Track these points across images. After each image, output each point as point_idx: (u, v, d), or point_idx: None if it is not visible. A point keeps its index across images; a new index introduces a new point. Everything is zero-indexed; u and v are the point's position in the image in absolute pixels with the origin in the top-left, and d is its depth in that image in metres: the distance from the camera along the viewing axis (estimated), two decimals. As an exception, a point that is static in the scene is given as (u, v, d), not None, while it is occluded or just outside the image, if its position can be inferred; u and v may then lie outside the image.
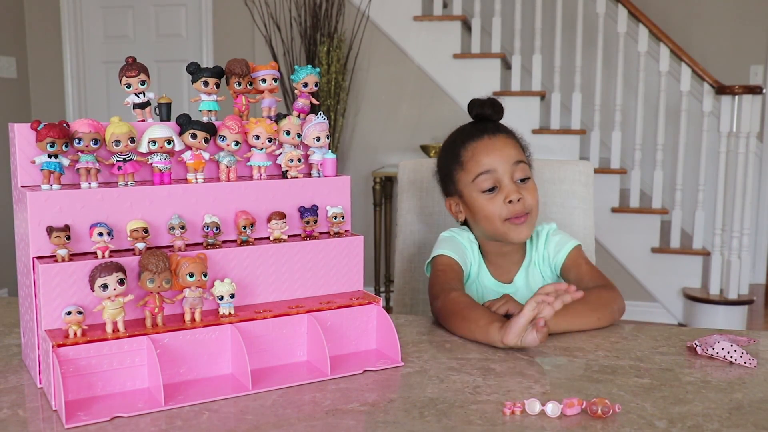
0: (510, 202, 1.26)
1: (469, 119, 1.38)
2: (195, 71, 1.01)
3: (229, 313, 0.95)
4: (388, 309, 3.34)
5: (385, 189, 3.69)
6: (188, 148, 0.98)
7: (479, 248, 1.37)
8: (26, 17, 4.21)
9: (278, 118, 1.05)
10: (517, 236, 1.28)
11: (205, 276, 0.91)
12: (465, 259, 1.33)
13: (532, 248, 1.37)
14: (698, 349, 1.04)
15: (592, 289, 1.22)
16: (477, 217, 1.31)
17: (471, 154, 1.30)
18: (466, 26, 3.95)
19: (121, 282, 0.86)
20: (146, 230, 0.92)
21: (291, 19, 3.82)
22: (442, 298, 1.19)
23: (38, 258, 0.88)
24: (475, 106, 1.34)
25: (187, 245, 0.96)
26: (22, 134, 0.91)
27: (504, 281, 1.37)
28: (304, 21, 3.75)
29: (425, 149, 3.56)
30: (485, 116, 1.34)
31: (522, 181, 1.28)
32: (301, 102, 1.08)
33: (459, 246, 1.34)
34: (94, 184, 0.92)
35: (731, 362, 1.01)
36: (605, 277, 1.29)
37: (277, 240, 1.02)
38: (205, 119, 1.01)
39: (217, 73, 1.02)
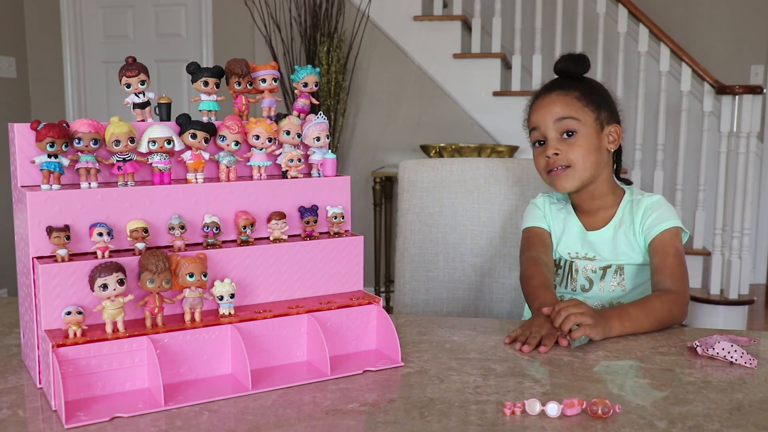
0: (548, 156, 1.34)
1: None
2: (195, 71, 1.01)
3: (229, 313, 0.94)
4: (388, 309, 3.34)
5: (385, 189, 3.69)
6: (188, 148, 0.98)
7: (573, 206, 1.44)
8: (26, 17, 4.21)
9: (278, 118, 1.05)
10: (558, 187, 1.36)
11: (205, 276, 0.91)
12: (545, 219, 1.43)
13: (625, 212, 1.38)
14: (698, 349, 1.04)
15: (660, 294, 1.23)
16: None
17: (530, 111, 1.39)
18: (466, 26, 3.95)
19: (120, 282, 0.86)
20: (146, 230, 0.92)
21: (291, 19, 3.82)
22: (522, 264, 1.38)
23: (38, 258, 0.88)
24: (557, 61, 1.39)
25: (187, 245, 0.96)
26: (22, 134, 0.91)
27: (590, 229, 1.40)
28: (304, 21, 3.75)
29: (425, 149, 3.56)
30: (563, 71, 1.38)
31: (568, 135, 1.33)
32: (301, 102, 1.08)
33: (536, 212, 1.45)
34: (94, 184, 0.92)
35: (732, 362, 1.01)
36: (682, 278, 1.27)
37: (277, 240, 1.02)
38: (205, 119, 1.01)
39: (217, 73, 1.02)
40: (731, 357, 1.00)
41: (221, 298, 0.93)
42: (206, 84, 1.01)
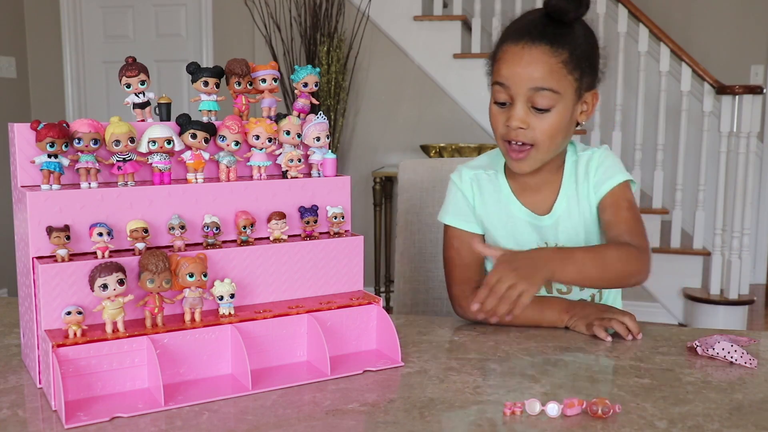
0: (509, 126, 1.12)
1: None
2: (195, 71, 1.01)
3: (229, 313, 0.94)
4: (388, 309, 3.34)
5: (385, 189, 3.69)
6: (188, 148, 0.98)
7: (505, 175, 1.24)
8: (26, 17, 4.21)
9: (278, 118, 1.05)
10: (514, 167, 1.17)
11: (205, 276, 0.91)
12: (472, 212, 1.25)
13: (573, 175, 1.21)
14: (698, 349, 1.04)
15: (617, 245, 1.11)
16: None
17: (500, 55, 1.13)
18: (466, 26, 3.95)
19: (120, 282, 0.86)
20: (146, 230, 0.92)
21: (291, 19, 3.82)
22: (455, 302, 1.25)
23: (38, 258, 0.88)
24: None
25: (187, 245, 0.96)
26: (21, 134, 0.91)
27: (540, 213, 1.22)
28: (304, 21, 3.75)
29: (425, 149, 3.56)
30: (557, 11, 1.09)
31: (540, 110, 1.11)
32: (301, 102, 1.08)
33: (459, 201, 1.26)
34: (93, 184, 0.92)
35: (731, 362, 1.01)
36: (641, 233, 1.14)
37: (277, 240, 1.02)
38: (205, 119, 1.01)
39: (217, 73, 1.02)
40: (731, 357, 1.00)
41: (221, 298, 0.93)
42: (206, 84, 1.01)
